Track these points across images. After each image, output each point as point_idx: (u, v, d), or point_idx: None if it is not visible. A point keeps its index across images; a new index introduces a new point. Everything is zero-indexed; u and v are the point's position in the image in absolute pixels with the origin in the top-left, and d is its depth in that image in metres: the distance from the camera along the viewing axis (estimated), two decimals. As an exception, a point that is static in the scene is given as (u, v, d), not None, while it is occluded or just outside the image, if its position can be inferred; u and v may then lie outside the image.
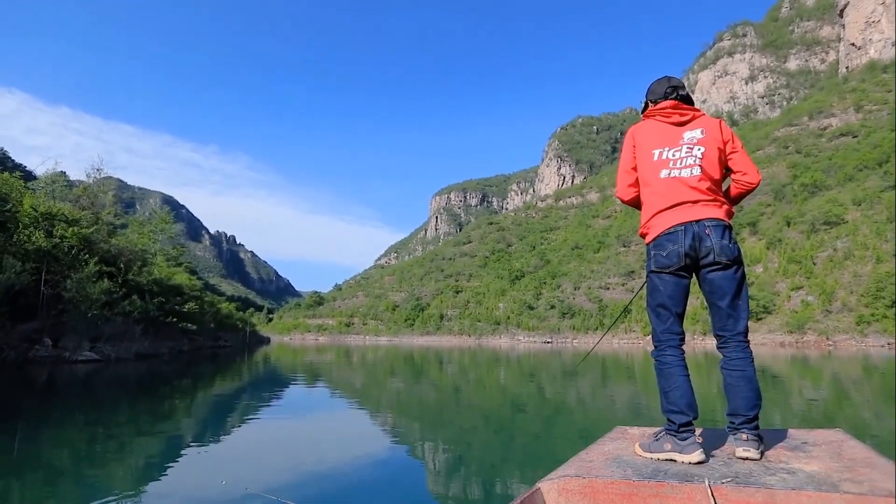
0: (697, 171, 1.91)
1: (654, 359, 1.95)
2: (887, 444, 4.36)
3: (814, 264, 57.29)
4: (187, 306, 28.70)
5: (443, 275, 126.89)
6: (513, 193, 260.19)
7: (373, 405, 8.01)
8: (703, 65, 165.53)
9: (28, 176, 29.66)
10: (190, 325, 28.60)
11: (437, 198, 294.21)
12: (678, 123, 2.02)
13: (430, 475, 3.78)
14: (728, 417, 1.84)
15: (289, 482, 3.40)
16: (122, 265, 22.36)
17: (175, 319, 25.92)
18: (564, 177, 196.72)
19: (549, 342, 66.25)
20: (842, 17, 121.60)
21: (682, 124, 2.02)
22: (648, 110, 2.12)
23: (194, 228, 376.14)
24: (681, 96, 2.06)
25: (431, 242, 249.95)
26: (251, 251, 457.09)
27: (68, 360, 16.33)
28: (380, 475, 3.74)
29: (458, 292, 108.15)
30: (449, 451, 4.64)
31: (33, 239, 17.51)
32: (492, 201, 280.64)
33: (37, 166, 31.28)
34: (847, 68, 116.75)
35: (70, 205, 23.19)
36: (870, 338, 43.24)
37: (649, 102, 2.14)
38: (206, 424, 6.03)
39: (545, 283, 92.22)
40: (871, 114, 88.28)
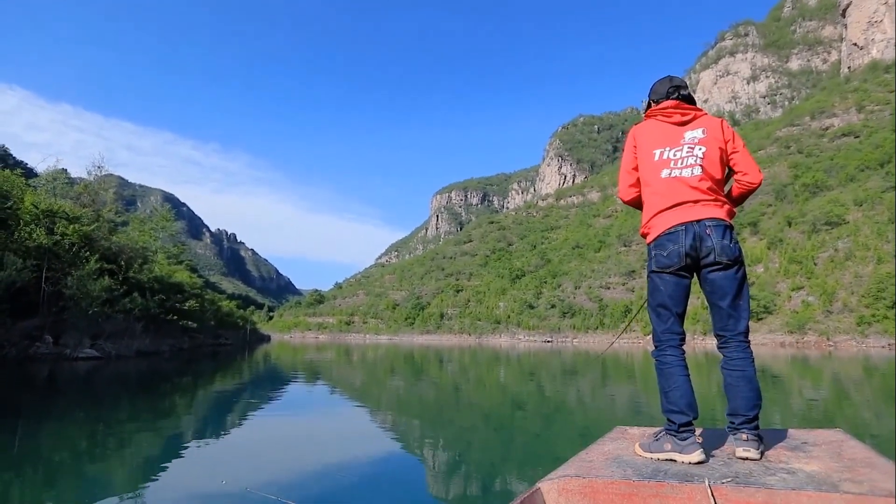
0: (698, 170, 1.90)
1: (655, 358, 1.95)
2: (887, 444, 4.36)
3: (815, 264, 57.25)
4: (188, 304, 28.79)
5: (443, 274, 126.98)
6: (514, 192, 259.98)
7: (373, 404, 8.01)
8: (705, 64, 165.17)
9: (29, 173, 29.74)
10: (190, 322, 28.62)
11: (437, 196, 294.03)
12: (679, 123, 2.02)
13: (430, 474, 3.78)
14: (728, 417, 1.84)
15: (289, 482, 3.40)
16: (122, 263, 22.40)
17: (176, 317, 25.96)
18: (565, 176, 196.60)
19: (549, 341, 66.28)
20: (844, 17, 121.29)
21: (684, 124, 2.01)
22: (650, 110, 2.12)
23: (195, 226, 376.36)
24: (682, 96, 2.06)
25: (432, 241, 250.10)
26: (252, 249, 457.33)
27: (69, 357, 16.34)
28: (380, 474, 3.74)
29: (458, 291, 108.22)
30: (449, 451, 4.64)
31: (34, 236, 17.51)
32: (493, 200, 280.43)
33: (38, 163, 31.24)
34: (849, 68, 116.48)
35: (71, 202, 23.21)
36: (870, 338, 43.22)
37: (652, 102, 2.13)
38: (206, 422, 6.03)
39: (546, 283, 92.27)
40: (873, 114, 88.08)
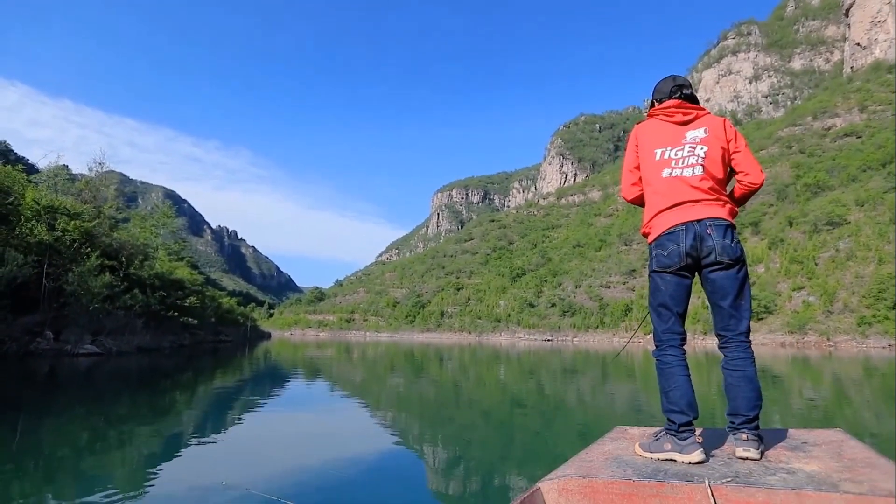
0: (700, 170, 1.90)
1: (655, 358, 1.94)
2: (887, 444, 4.36)
3: (816, 265, 57.14)
4: (189, 301, 28.82)
5: (444, 272, 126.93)
6: (515, 191, 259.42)
7: (373, 402, 8.02)
8: (707, 63, 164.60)
9: (30, 169, 29.75)
10: (191, 319, 28.67)
11: (438, 194, 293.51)
12: (681, 122, 2.01)
13: (430, 473, 3.79)
14: (728, 417, 1.84)
15: (289, 481, 3.40)
16: (123, 259, 22.44)
17: (176, 314, 26.01)
18: (566, 175, 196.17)
19: (549, 340, 66.30)
20: (847, 17, 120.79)
21: (686, 123, 2.01)
22: (652, 109, 2.11)
23: (196, 223, 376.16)
24: (685, 95, 2.05)
25: (433, 239, 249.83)
26: (253, 246, 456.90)
27: (70, 353, 16.37)
28: (380, 473, 3.75)
29: (458, 289, 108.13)
30: (449, 450, 4.65)
31: (35, 232, 17.54)
32: (493, 199, 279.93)
33: (39, 159, 31.45)
34: (852, 68, 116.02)
35: (72, 198, 23.25)
36: (871, 339, 43.15)
37: (655, 101, 2.13)
38: (206, 419, 6.04)
39: (546, 281, 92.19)
40: (876, 114, 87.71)
